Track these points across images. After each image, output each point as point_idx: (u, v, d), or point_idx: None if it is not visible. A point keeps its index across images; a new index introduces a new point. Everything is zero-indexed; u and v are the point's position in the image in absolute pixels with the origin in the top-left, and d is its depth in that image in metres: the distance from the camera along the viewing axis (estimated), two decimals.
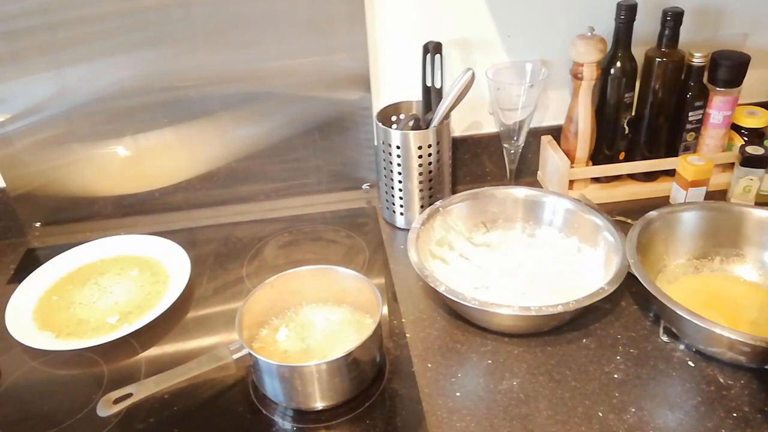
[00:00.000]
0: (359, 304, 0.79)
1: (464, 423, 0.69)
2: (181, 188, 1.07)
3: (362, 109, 1.04)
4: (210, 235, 1.05)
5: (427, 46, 0.93)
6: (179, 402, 0.74)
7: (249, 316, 0.75)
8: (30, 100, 0.97)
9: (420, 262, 0.82)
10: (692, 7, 1.00)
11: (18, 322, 0.86)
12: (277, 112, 1.03)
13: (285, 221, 1.07)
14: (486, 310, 0.75)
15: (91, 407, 0.74)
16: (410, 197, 1.00)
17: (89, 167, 1.03)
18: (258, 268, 0.96)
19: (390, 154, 0.97)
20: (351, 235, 1.02)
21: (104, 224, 1.07)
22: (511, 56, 1.04)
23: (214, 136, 1.04)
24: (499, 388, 0.73)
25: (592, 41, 0.94)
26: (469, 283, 0.87)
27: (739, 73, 0.98)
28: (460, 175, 1.13)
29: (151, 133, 1.02)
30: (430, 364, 0.77)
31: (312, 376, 0.68)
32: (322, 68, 1.00)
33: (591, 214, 0.90)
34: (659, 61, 0.97)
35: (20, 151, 1.00)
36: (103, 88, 0.97)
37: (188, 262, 0.94)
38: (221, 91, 1.00)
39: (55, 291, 0.93)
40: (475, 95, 0.97)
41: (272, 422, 0.71)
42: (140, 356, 0.82)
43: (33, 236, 1.07)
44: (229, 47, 0.96)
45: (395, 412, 0.71)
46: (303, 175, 1.09)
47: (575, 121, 1.01)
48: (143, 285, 0.93)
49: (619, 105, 1.00)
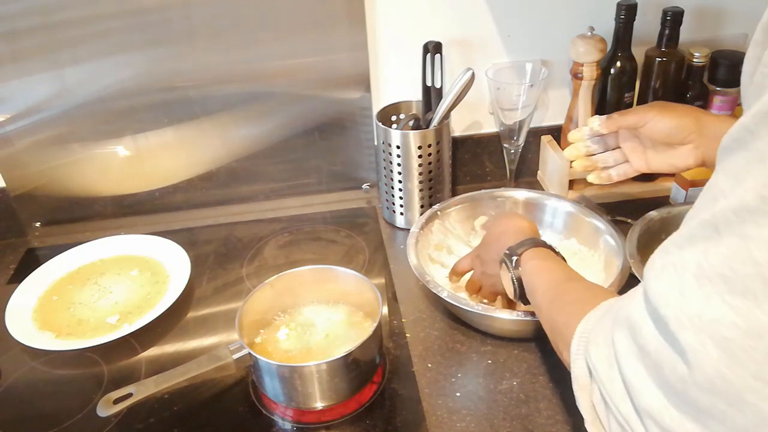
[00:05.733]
0: (359, 304, 0.79)
1: (464, 423, 0.69)
2: (181, 188, 1.07)
3: (362, 109, 1.04)
4: (210, 235, 1.05)
5: (427, 46, 0.93)
6: (179, 402, 0.74)
7: (249, 316, 0.75)
8: (30, 100, 0.97)
9: (420, 266, 0.82)
10: (692, 7, 1.00)
11: (18, 322, 0.86)
12: (277, 112, 1.03)
13: (285, 221, 1.07)
14: (487, 314, 0.75)
15: (91, 407, 0.74)
16: (410, 197, 1.00)
17: (89, 167, 1.03)
18: (258, 268, 0.96)
19: (390, 154, 0.97)
20: (351, 235, 1.02)
21: (104, 224, 1.07)
22: (511, 56, 1.04)
23: (214, 136, 1.04)
24: (499, 389, 0.73)
25: (592, 41, 0.94)
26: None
27: (739, 73, 0.97)
28: (460, 175, 1.13)
29: (151, 133, 1.02)
30: (430, 364, 0.77)
31: (312, 376, 0.68)
32: (322, 68, 1.00)
33: (591, 216, 0.89)
34: (659, 61, 0.97)
35: (20, 151, 1.00)
36: (103, 88, 0.97)
37: (188, 262, 0.94)
38: (221, 91, 1.00)
39: (55, 291, 0.93)
40: (475, 95, 0.97)
41: (272, 422, 0.71)
42: (140, 356, 0.82)
43: (33, 236, 1.07)
44: (229, 47, 0.96)
45: (395, 412, 0.71)
46: (303, 175, 1.09)
47: (575, 121, 1.01)
48: (143, 285, 0.93)
49: (619, 105, 1.00)
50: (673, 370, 0.34)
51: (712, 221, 0.33)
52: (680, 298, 0.34)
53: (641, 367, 0.37)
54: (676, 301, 0.34)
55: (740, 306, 0.31)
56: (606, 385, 0.41)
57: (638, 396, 0.38)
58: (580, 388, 0.46)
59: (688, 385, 0.33)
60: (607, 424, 0.42)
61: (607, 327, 0.43)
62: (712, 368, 0.32)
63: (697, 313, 0.32)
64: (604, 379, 0.42)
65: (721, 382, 0.32)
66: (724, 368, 0.31)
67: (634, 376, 0.38)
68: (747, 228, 0.31)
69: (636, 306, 0.39)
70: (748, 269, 0.30)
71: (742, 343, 0.31)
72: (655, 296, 0.36)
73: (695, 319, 0.33)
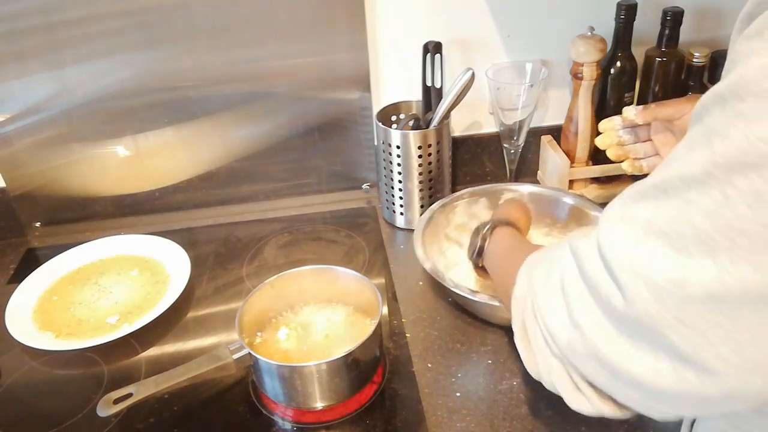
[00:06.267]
0: (359, 304, 0.79)
1: (464, 423, 0.69)
2: (181, 188, 1.07)
3: (362, 109, 1.04)
4: (210, 235, 1.05)
5: (427, 46, 0.93)
6: (179, 402, 0.74)
7: (249, 316, 0.75)
8: (30, 100, 0.97)
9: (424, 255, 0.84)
10: (692, 7, 1.00)
11: (18, 322, 0.86)
12: (277, 112, 1.03)
13: (285, 221, 1.07)
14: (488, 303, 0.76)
15: (91, 407, 0.74)
16: (410, 197, 1.00)
17: (89, 167, 1.03)
18: (258, 268, 0.96)
19: (390, 154, 0.97)
20: (351, 235, 1.02)
21: (104, 224, 1.07)
22: (511, 56, 1.04)
23: (214, 136, 1.04)
24: (499, 388, 0.73)
25: (592, 41, 0.94)
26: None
27: None
28: (460, 175, 1.13)
29: (151, 133, 1.02)
30: (430, 364, 0.77)
31: (312, 376, 0.68)
32: (322, 68, 1.00)
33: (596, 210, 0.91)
34: (659, 61, 0.97)
35: (20, 151, 1.00)
36: (103, 88, 0.97)
37: (188, 262, 0.94)
38: (221, 91, 1.00)
39: (55, 291, 0.93)
40: (475, 95, 0.98)
41: (272, 422, 0.71)
42: (140, 356, 0.82)
43: (33, 236, 1.07)
44: (229, 47, 0.96)
45: (395, 412, 0.71)
46: (303, 175, 1.09)
47: (575, 120, 1.01)
48: (143, 285, 0.93)
49: (619, 105, 1.00)
50: (609, 300, 0.40)
51: (663, 184, 0.37)
52: (626, 246, 0.39)
53: (583, 286, 0.43)
54: (623, 248, 0.39)
55: (676, 259, 0.36)
56: (540, 296, 0.48)
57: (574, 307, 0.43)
58: (516, 305, 0.53)
59: (623, 314, 0.39)
60: (534, 336, 0.49)
61: (554, 255, 0.49)
62: (643, 306, 0.37)
63: (639, 261, 0.38)
64: (540, 290, 0.49)
65: (647, 319, 0.37)
66: (652, 308, 0.37)
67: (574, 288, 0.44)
68: (691, 195, 0.35)
69: (587, 243, 0.44)
70: (688, 230, 0.35)
71: (670, 290, 0.36)
72: (607, 240, 0.41)
73: (635, 264, 0.38)
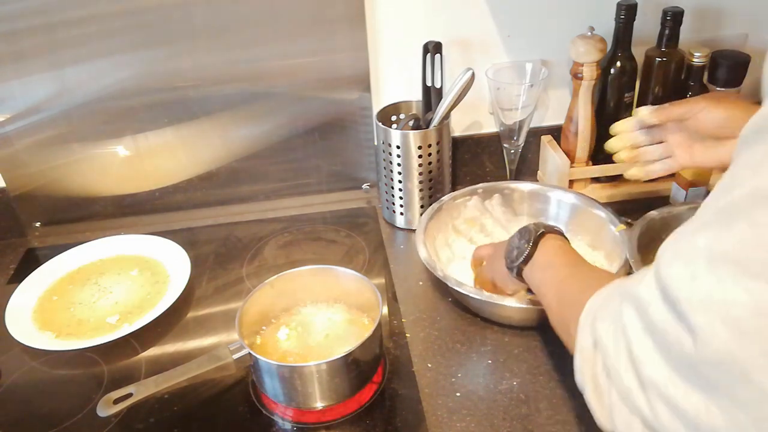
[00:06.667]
0: (359, 304, 0.79)
1: (464, 423, 0.69)
2: (181, 188, 1.07)
3: (362, 109, 1.04)
4: (210, 235, 1.05)
5: (427, 46, 0.93)
6: (179, 402, 0.74)
7: (249, 316, 0.75)
8: (30, 100, 0.97)
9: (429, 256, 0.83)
10: (692, 7, 1.00)
11: (18, 322, 0.86)
12: (277, 112, 1.03)
13: (285, 221, 1.07)
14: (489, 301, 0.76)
15: (91, 407, 0.74)
16: (410, 197, 1.00)
17: (89, 167, 1.03)
18: (258, 268, 0.96)
19: (390, 154, 0.97)
20: (351, 235, 1.02)
21: (104, 224, 1.07)
22: (511, 56, 1.04)
23: (214, 136, 1.04)
24: (499, 388, 0.73)
25: (592, 41, 0.94)
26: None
27: (739, 73, 0.98)
28: (460, 175, 1.13)
29: (151, 133, 1.02)
30: (430, 364, 0.77)
31: (312, 376, 0.68)
32: (322, 68, 1.00)
33: (597, 208, 0.91)
34: (659, 61, 0.97)
35: (20, 151, 1.00)
36: (103, 88, 0.97)
37: (188, 262, 0.94)
38: (221, 91, 1.00)
39: (55, 291, 0.93)
40: (475, 95, 0.98)
41: (272, 422, 0.71)
42: (140, 356, 0.82)
43: (33, 236, 1.07)
44: (229, 47, 0.96)
45: (395, 412, 0.71)
46: (303, 175, 1.09)
47: (575, 120, 1.01)
48: (143, 285, 0.93)
49: (619, 105, 1.00)
50: (681, 346, 0.35)
51: (726, 208, 0.34)
52: (691, 282, 0.35)
53: (649, 341, 0.38)
54: (687, 285, 0.35)
55: (751, 287, 0.31)
56: (611, 356, 0.43)
57: (643, 367, 0.39)
58: (584, 359, 0.48)
59: (696, 361, 0.34)
60: (608, 394, 0.44)
61: (615, 303, 0.44)
62: (721, 346, 0.33)
63: (708, 295, 0.33)
64: (609, 351, 0.43)
65: (729, 359, 0.32)
66: (732, 346, 0.32)
67: (640, 348, 0.39)
68: (758, 214, 0.31)
69: (646, 286, 0.40)
70: (760, 253, 0.31)
71: (751, 322, 0.31)
72: (666, 280, 0.37)
73: (706, 300, 0.33)
